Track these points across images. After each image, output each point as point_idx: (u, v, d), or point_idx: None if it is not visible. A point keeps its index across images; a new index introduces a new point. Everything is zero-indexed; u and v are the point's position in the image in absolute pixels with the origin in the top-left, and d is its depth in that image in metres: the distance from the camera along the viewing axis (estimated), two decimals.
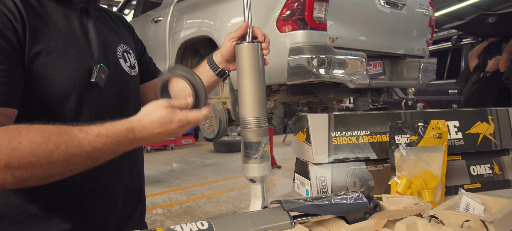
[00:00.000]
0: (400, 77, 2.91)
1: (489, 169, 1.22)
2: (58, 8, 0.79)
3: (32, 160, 0.59)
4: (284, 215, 0.75)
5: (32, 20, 0.71)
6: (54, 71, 0.72)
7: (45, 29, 0.73)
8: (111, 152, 0.67)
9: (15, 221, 0.77)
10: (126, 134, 0.67)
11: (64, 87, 0.74)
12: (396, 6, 2.65)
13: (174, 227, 0.65)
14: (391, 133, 1.03)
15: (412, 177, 1.05)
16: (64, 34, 0.76)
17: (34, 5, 0.75)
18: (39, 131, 0.61)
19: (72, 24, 0.80)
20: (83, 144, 0.63)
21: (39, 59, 0.71)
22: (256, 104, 0.88)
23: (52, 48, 0.73)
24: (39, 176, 0.61)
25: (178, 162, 6.94)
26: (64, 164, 0.62)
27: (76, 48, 0.77)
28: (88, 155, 0.63)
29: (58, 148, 0.61)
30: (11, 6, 0.69)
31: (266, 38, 0.93)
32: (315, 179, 1.03)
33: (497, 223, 0.77)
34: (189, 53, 3.27)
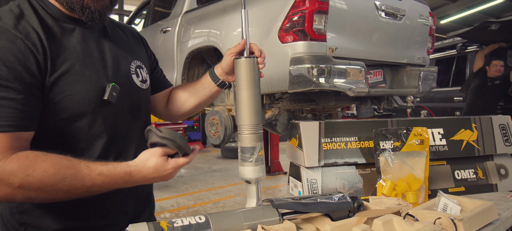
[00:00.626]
0: (400, 85, 2.99)
1: (473, 173, 1.29)
2: (78, 30, 0.90)
3: (40, 186, 0.72)
4: (273, 212, 0.85)
5: (53, 50, 0.83)
6: (71, 93, 0.84)
7: (64, 55, 0.84)
8: (106, 189, 0.80)
9: (38, 215, 0.88)
10: (123, 176, 0.80)
11: (80, 106, 0.85)
12: (396, 17, 2.74)
13: (175, 220, 0.75)
14: (376, 139, 1.12)
15: (396, 180, 1.14)
16: (81, 57, 0.87)
17: (55, 33, 0.86)
18: (53, 162, 0.74)
19: (89, 46, 0.91)
20: (85, 180, 0.76)
21: (58, 83, 0.82)
22: (252, 113, 0.98)
23: (70, 72, 0.84)
24: (43, 198, 0.75)
25: (186, 168, 7.05)
26: (65, 193, 0.75)
27: (91, 70, 0.88)
28: (86, 189, 0.77)
29: (64, 180, 0.74)
30: (35, 39, 0.80)
31: (262, 53, 1.03)
32: (307, 181, 1.12)
33: (466, 221, 0.86)
34: (196, 62, 3.40)
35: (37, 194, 0.73)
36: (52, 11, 0.88)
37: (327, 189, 1.13)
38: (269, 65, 2.42)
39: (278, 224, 0.83)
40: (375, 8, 2.55)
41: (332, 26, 2.33)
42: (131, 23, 5.00)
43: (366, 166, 1.19)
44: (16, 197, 0.72)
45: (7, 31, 0.78)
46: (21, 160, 0.71)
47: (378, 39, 2.68)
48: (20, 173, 0.70)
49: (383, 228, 0.83)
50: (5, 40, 0.77)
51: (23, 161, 0.71)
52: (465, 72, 5.75)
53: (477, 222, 0.90)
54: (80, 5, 0.87)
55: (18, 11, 0.83)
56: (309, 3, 2.21)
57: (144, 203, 1.06)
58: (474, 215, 0.90)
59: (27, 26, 0.81)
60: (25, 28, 0.81)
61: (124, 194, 0.94)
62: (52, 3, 0.89)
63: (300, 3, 2.24)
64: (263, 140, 1.01)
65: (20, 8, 0.84)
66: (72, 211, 0.90)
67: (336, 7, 2.34)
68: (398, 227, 0.84)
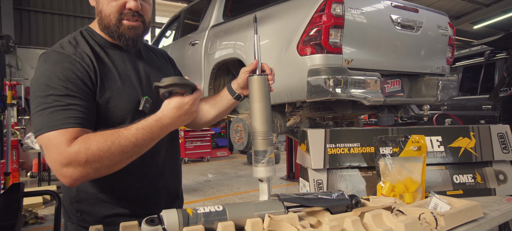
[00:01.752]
0: (418, 94, 3.06)
1: (472, 178, 1.40)
2: (119, 54, 1.13)
3: (100, 154, 0.90)
4: (280, 205, 1.02)
5: (101, 71, 1.05)
6: (114, 104, 1.05)
7: (109, 75, 1.07)
8: (149, 139, 0.96)
9: (91, 204, 1.09)
10: (156, 123, 0.97)
11: (121, 115, 1.07)
12: (412, 28, 2.83)
13: (198, 208, 0.94)
14: (376, 145, 1.26)
15: (395, 182, 1.27)
16: (122, 76, 1.10)
17: (102, 57, 1.09)
18: (101, 134, 0.93)
19: (127, 66, 1.13)
20: (128, 136, 0.93)
21: (105, 97, 1.04)
22: (264, 122, 1.16)
23: (113, 89, 1.06)
24: (107, 165, 0.92)
25: (213, 173, 7.31)
26: (120, 153, 0.92)
27: (129, 86, 1.10)
28: (133, 144, 0.93)
29: (114, 142, 0.92)
30: (88, 62, 1.03)
31: (272, 71, 1.21)
32: (313, 182, 1.28)
33: (447, 216, 0.99)
34: (222, 72, 3.62)
35: (101, 162, 0.91)
36: (98, 40, 1.12)
37: (331, 189, 1.28)
38: (288, 76, 2.61)
39: (283, 215, 1.00)
40: (390, 21, 2.66)
41: (348, 39, 2.47)
42: (163, 35, 5.32)
43: (368, 169, 1.33)
44: (89, 173, 0.90)
45: (69, 56, 1.01)
46: (79, 142, 0.91)
47: (395, 50, 2.78)
48: (82, 149, 0.89)
49: (372, 220, 0.97)
50: (68, 63, 1.00)
51: (81, 141, 0.91)
52: (494, 80, 5.65)
53: (459, 218, 1.02)
54: (117, 34, 1.09)
55: (74, 42, 1.07)
56: (326, 18, 2.37)
57: (174, 197, 1.26)
58: (456, 212, 1.02)
59: (82, 52, 1.05)
60: (81, 54, 1.04)
61: (157, 188, 1.14)
62: (98, 33, 1.13)
63: (317, 18, 2.40)
64: (273, 144, 1.18)
65: (76, 39, 1.09)
66: (117, 201, 1.10)
67: (352, 21, 2.48)
68: (386, 219, 0.99)
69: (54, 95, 0.94)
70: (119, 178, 1.00)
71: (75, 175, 0.90)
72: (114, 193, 1.09)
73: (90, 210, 1.09)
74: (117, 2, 1.07)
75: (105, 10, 1.08)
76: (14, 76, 8.35)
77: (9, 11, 8.68)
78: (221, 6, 3.85)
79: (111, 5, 1.07)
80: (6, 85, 5.27)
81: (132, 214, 1.08)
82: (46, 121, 0.92)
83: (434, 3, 14.49)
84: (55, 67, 0.98)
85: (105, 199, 1.09)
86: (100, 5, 1.09)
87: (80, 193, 1.08)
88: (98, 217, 1.07)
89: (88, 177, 0.92)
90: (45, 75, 0.96)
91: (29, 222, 4.32)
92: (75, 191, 1.09)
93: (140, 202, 1.12)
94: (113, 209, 1.09)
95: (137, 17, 1.10)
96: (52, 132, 0.91)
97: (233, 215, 0.95)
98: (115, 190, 1.09)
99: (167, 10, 11.81)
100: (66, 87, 0.95)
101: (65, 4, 9.77)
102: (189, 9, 4.69)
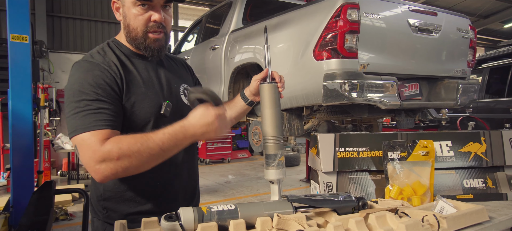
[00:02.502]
0: (438, 98, 3.04)
1: (482, 183, 1.42)
2: (142, 62, 1.23)
3: (129, 153, 1.00)
4: (288, 205, 1.08)
5: (127, 77, 1.16)
6: (138, 108, 1.15)
7: (134, 81, 1.17)
8: (173, 145, 1.04)
9: (116, 202, 1.20)
10: (180, 130, 1.04)
11: (144, 117, 1.17)
12: (430, 32, 2.82)
13: (212, 206, 1.02)
14: (384, 149, 1.31)
15: (404, 185, 1.31)
16: (145, 82, 1.20)
17: (127, 65, 1.19)
18: (132, 136, 1.03)
19: (150, 74, 1.23)
20: (155, 140, 1.02)
21: (130, 101, 1.14)
22: (274, 127, 1.22)
23: (138, 94, 1.16)
24: (135, 165, 1.01)
25: (234, 174, 7.41)
26: (148, 155, 1.01)
27: (152, 91, 1.20)
28: (160, 147, 1.02)
29: (143, 144, 1.01)
30: (115, 70, 1.14)
31: (281, 79, 1.28)
32: (323, 184, 1.34)
33: (450, 219, 1.02)
34: (241, 76, 3.71)
35: (130, 162, 1.00)
36: (124, 50, 1.22)
37: (341, 191, 1.33)
38: (305, 80, 2.67)
39: (291, 214, 1.06)
40: (408, 25, 2.67)
41: (364, 44, 2.50)
42: (185, 39, 5.48)
43: (378, 172, 1.38)
44: (118, 170, 1.00)
45: (98, 65, 1.12)
46: (111, 141, 1.01)
47: (412, 54, 2.78)
48: (115, 148, 0.99)
49: (376, 221, 1.02)
50: (98, 70, 1.11)
51: (113, 141, 1.01)
52: None
53: (462, 221, 1.05)
54: (144, 46, 1.20)
55: (103, 52, 1.19)
56: (341, 23, 2.41)
57: (191, 196, 1.35)
58: (460, 215, 1.05)
59: (110, 61, 1.15)
60: (108, 62, 1.15)
61: (175, 188, 1.23)
62: (123, 44, 1.24)
63: (332, 24, 2.44)
64: (284, 148, 1.24)
65: (104, 49, 1.20)
66: (139, 200, 1.21)
67: (369, 26, 2.51)
68: (389, 221, 1.03)
69: (86, 100, 1.05)
70: (141, 178, 1.10)
71: (106, 171, 1.00)
72: (136, 192, 1.19)
73: (115, 207, 1.19)
74: (143, 16, 1.17)
75: (133, 24, 1.19)
76: (47, 80, 8.78)
77: (42, 18, 9.15)
78: (241, 11, 3.94)
79: (138, 19, 1.18)
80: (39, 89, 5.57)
81: (152, 211, 1.18)
82: (79, 123, 1.03)
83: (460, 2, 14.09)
84: (86, 74, 1.09)
85: (128, 198, 1.19)
86: (127, 19, 1.19)
87: (107, 192, 1.19)
88: (122, 214, 1.17)
89: (117, 175, 1.02)
90: (78, 82, 1.08)
91: (60, 218, 4.56)
92: (102, 190, 1.20)
93: (159, 200, 1.22)
94: (136, 207, 1.19)
95: (161, 29, 1.21)
96: (86, 133, 1.02)
97: (244, 213, 1.03)
98: (137, 189, 1.19)
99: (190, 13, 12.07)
100: (96, 93, 1.06)
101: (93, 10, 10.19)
102: (210, 14, 4.82)
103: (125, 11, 1.20)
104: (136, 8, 1.17)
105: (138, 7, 1.16)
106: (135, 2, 1.16)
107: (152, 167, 1.05)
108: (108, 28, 10.48)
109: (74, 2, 9.94)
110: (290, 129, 3.06)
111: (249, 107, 1.41)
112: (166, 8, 1.22)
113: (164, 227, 0.96)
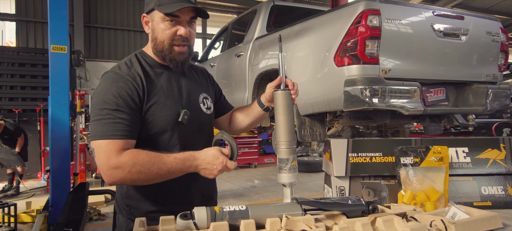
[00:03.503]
0: (465, 103, 2.96)
1: (502, 190, 1.39)
2: (165, 73, 1.33)
3: (140, 169, 1.12)
4: (298, 207, 1.13)
5: (149, 87, 1.25)
6: (157, 116, 1.25)
7: (155, 90, 1.27)
8: (179, 170, 1.15)
9: (138, 200, 1.29)
10: (190, 158, 1.15)
11: (163, 125, 1.26)
12: (457, 36, 2.76)
13: (224, 207, 1.08)
14: (397, 155, 1.32)
15: (417, 191, 1.31)
16: (165, 91, 1.29)
17: (150, 75, 1.29)
18: (147, 154, 1.14)
19: (171, 84, 1.32)
20: (166, 163, 1.13)
21: (150, 110, 1.24)
22: (287, 132, 1.27)
23: (158, 102, 1.26)
24: (144, 179, 1.14)
25: (260, 179, 7.47)
26: (156, 174, 1.13)
27: (171, 100, 1.29)
28: (168, 169, 1.13)
29: (154, 164, 1.12)
30: (138, 81, 1.24)
31: (294, 86, 1.32)
32: (336, 188, 1.37)
33: (458, 224, 1.03)
34: (265, 82, 3.77)
35: (139, 175, 1.12)
36: (149, 61, 1.32)
37: (354, 195, 1.36)
38: (326, 86, 2.69)
39: (300, 216, 1.10)
40: (432, 30, 2.63)
41: (386, 49, 2.49)
42: (212, 46, 5.63)
43: (391, 177, 1.39)
44: (126, 179, 1.13)
45: (124, 76, 1.22)
46: (129, 154, 1.13)
47: (438, 59, 2.73)
48: (130, 162, 1.11)
49: (383, 224, 1.04)
50: (122, 82, 1.21)
51: (130, 154, 1.13)
52: None
53: (473, 227, 1.05)
54: (169, 58, 1.30)
55: (130, 63, 1.29)
56: (362, 29, 2.42)
57: (208, 199, 1.42)
58: (470, 221, 1.05)
59: (134, 72, 1.25)
60: (133, 74, 1.24)
61: (192, 190, 1.31)
62: (149, 55, 1.33)
63: (353, 30, 2.46)
64: (296, 153, 1.29)
65: (131, 60, 1.30)
66: (160, 199, 1.30)
67: (391, 31, 2.50)
68: (396, 224, 1.05)
69: (107, 109, 1.16)
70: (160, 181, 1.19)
71: (116, 178, 1.13)
72: (156, 193, 1.29)
73: (137, 205, 1.29)
74: (170, 30, 1.28)
75: (160, 37, 1.29)
76: (83, 87, 9.27)
77: (80, 29, 9.71)
78: (265, 19, 4.02)
79: (165, 33, 1.28)
80: (76, 95, 5.91)
81: (170, 211, 1.25)
82: (99, 129, 1.15)
83: (499, 2, 13.46)
84: (111, 85, 1.20)
85: (149, 197, 1.28)
86: (155, 33, 1.30)
87: (130, 191, 1.29)
88: (143, 212, 1.26)
89: (124, 183, 1.17)
90: (103, 92, 1.19)
91: (93, 218, 4.80)
92: (126, 189, 1.30)
93: (177, 201, 1.30)
94: (155, 206, 1.28)
95: (185, 43, 1.30)
96: (103, 140, 1.14)
97: (255, 214, 1.08)
98: (157, 191, 1.28)
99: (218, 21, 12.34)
100: (117, 104, 1.17)
101: (126, 20, 10.69)
102: (236, 21, 4.94)
103: (154, 26, 1.30)
104: (164, 23, 1.27)
105: (166, 22, 1.27)
106: (164, 17, 1.26)
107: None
108: (140, 37, 10.94)
109: (109, 13, 10.48)
110: (312, 134, 3.08)
111: (265, 113, 1.47)
112: (191, 23, 1.32)
113: (180, 225, 1.03)
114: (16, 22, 9.38)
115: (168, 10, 1.24)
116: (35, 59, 8.10)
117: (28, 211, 4.79)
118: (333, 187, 1.37)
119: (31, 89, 8.20)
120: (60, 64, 4.12)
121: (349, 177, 1.37)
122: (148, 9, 1.30)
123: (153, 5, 1.28)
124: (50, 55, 4.09)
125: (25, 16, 9.41)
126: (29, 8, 9.39)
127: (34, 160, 7.83)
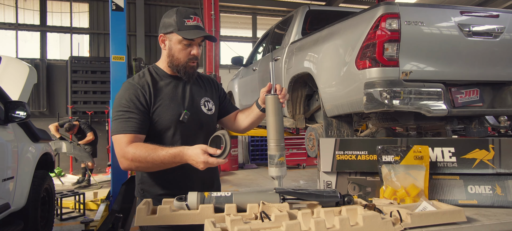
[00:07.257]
0: (504, 104, 2.83)
1: (490, 189, 1.42)
2: (173, 81, 1.62)
3: (140, 159, 1.39)
4: (277, 196, 1.30)
5: (156, 93, 1.55)
6: (163, 116, 1.53)
7: (161, 95, 1.56)
8: (171, 162, 1.40)
9: (149, 185, 1.59)
10: (179, 153, 1.39)
11: (167, 124, 1.54)
12: (490, 35, 2.67)
13: (212, 193, 1.30)
14: (378, 153, 1.43)
15: (398, 187, 1.41)
16: (170, 96, 1.57)
17: (159, 84, 1.58)
18: (146, 146, 1.41)
19: (177, 90, 1.60)
20: (160, 155, 1.39)
21: (156, 111, 1.53)
22: (276, 132, 1.45)
23: (163, 106, 1.54)
24: (143, 167, 1.42)
25: (306, 180, 7.56)
26: (151, 163, 1.39)
27: (175, 103, 1.57)
28: (161, 160, 1.39)
29: (150, 155, 1.39)
30: (146, 89, 1.53)
31: (282, 91, 1.50)
32: (323, 183, 1.51)
33: (415, 215, 1.13)
34: (299, 85, 3.92)
35: (139, 164, 1.41)
36: (160, 73, 1.62)
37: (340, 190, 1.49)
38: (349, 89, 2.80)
39: (279, 204, 1.28)
40: (458, 30, 2.58)
41: (407, 51, 2.51)
42: (256, 51, 5.88)
43: (376, 174, 1.50)
44: (131, 166, 1.42)
45: (134, 85, 1.53)
46: (133, 146, 1.42)
47: (467, 59, 2.67)
48: (131, 151, 1.41)
49: (346, 212, 1.18)
50: (133, 89, 1.52)
51: (134, 146, 1.42)
52: None
53: (431, 219, 1.14)
54: (183, 71, 1.60)
55: (142, 75, 1.60)
56: (381, 33, 2.48)
57: (208, 186, 1.67)
58: (428, 213, 1.15)
59: (144, 82, 1.56)
60: (143, 83, 1.55)
61: (192, 178, 1.56)
62: (160, 68, 1.64)
63: (372, 34, 2.53)
64: (285, 150, 1.46)
65: (143, 73, 1.62)
66: (166, 185, 1.58)
67: (411, 34, 2.52)
68: (359, 213, 1.18)
69: (122, 111, 1.48)
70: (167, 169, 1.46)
71: (124, 164, 1.44)
72: (164, 179, 1.57)
73: (149, 189, 1.59)
74: (186, 50, 1.58)
75: (177, 55, 1.59)
76: None
77: (141, 38, 10.63)
78: (301, 23, 4.17)
79: (182, 53, 1.59)
80: None
81: (173, 194, 1.51)
82: (115, 126, 1.47)
83: None
84: (125, 92, 1.52)
85: (158, 183, 1.58)
86: (172, 51, 1.59)
87: (143, 177, 1.59)
88: (153, 195, 1.54)
89: (131, 168, 1.46)
90: (119, 97, 1.52)
91: None
92: (140, 176, 1.60)
93: (180, 186, 1.56)
94: (163, 190, 1.57)
95: (196, 60, 1.61)
96: (118, 135, 1.45)
97: (238, 200, 1.29)
98: (164, 177, 1.57)
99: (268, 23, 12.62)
100: (128, 106, 1.48)
101: None
102: (276, 26, 5.14)
103: (171, 45, 1.59)
104: (181, 44, 1.57)
105: (182, 44, 1.56)
106: (181, 40, 1.56)
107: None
108: None
109: None
110: (339, 135, 3.18)
111: (262, 113, 1.67)
112: (200, 45, 1.61)
113: (175, 205, 1.27)
114: (90, 35, 10.59)
115: (188, 36, 1.54)
116: (105, 67, 9.11)
117: (95, 200, 5.50)
118: (321, 181, 1.51)
119: (101, 93, 9.25)
120: (119, 71, 4.69)
121: (336, 172, 1.51)
122: (167, 31, 1.58)
123: (172, 29, 1.56)
124: (111, 64, 4.68)
125: (97, 29, 10.58)
126: (100, 22, 10.55)
127: (103, 156, 8.81)
